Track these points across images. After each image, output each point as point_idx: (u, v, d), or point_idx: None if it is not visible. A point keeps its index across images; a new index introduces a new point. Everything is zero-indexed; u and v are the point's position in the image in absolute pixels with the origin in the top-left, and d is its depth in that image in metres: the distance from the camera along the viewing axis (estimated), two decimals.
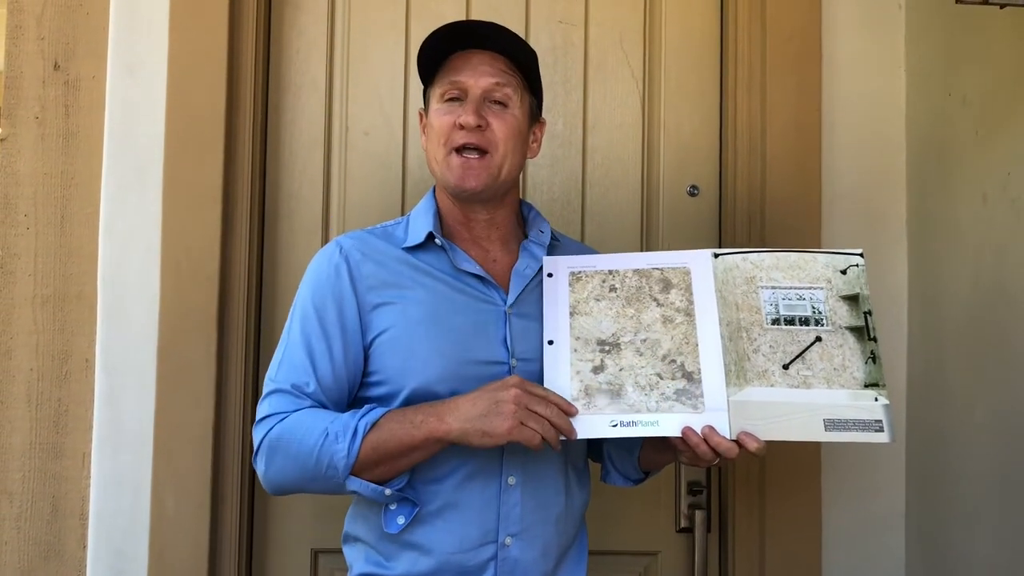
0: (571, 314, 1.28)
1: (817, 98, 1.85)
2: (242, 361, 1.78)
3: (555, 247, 1.40)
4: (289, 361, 1.27)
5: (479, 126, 1.27)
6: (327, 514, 1.76)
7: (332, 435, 1.18)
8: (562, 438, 1.19)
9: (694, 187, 1.90)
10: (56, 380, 1.74)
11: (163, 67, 1.77)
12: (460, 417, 1.17)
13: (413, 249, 1.32)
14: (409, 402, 1.25)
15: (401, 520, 1.24)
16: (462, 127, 1.27)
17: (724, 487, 1.85)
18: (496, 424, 1.15)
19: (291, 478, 1.23)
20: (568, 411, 1.19)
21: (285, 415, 1.23)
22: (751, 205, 1.84)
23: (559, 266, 1.33)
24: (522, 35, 1.87)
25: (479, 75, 1.29)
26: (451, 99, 1.30)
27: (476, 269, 1.31)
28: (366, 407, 1.22)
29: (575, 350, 1.25)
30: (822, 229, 1.83)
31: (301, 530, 1.83)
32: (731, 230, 1.85)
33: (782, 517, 1.81)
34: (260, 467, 1.25)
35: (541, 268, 1.34)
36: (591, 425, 1.21)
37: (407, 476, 1.23)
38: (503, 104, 1.30)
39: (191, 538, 1.73)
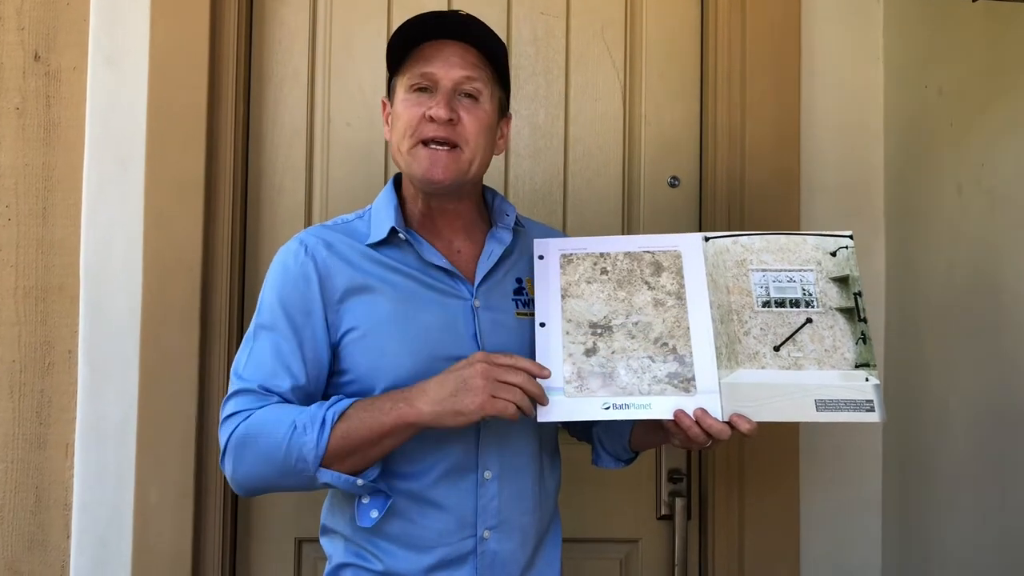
0: (563, 296, 1.28)
1: (796, 90, 1.87)
2: (225, 352, 1.78)
3: (519, 232, 1.37)
4: (256, 360, 1.23)
5: (450, 120, 1.23)
6: (311, 503, 1.76)
7: (300, 427, 1.15)
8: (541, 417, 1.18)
9: (675, 178, 1.92)
10: (39, 371, 1.74)
11: (144, 58, 1.77)
12: (430, 400, 1.14)
13: (377, 245, 1.29)
14: None
15: (375, 514, 1.21)
16: (432, 119, 1.23)
17: (704, 474, 1.87)
18: (467, 401, 1.12)
19: (260, 475, 1.19)
20: (540, 374, 1.18)
21: (250, 412, 1.19)
22: (731, 196, 1.86)
23: (550, 248, 1.32)
24: (504, 27, 1.89)
25: (450, 66, 1.25)
26: (419, 89, 1.25)
27: (442, 262, 1.28)
28: (333, 398, 1.20)
29: (567, 332, 1.25)
30: (801, 218, 1.85)
31: (285, 519, 1.83)
32: (711, 221, 1.87)
33: (761, 503, 1.83)
34: (228, 468, 1.21)
35: (505, 254, 1.33)
36: (583, 407, 1.20)
37: (379, 467, 1.20)
38: (474, 97, 1.26)
39: (175, 528, 1.73)
